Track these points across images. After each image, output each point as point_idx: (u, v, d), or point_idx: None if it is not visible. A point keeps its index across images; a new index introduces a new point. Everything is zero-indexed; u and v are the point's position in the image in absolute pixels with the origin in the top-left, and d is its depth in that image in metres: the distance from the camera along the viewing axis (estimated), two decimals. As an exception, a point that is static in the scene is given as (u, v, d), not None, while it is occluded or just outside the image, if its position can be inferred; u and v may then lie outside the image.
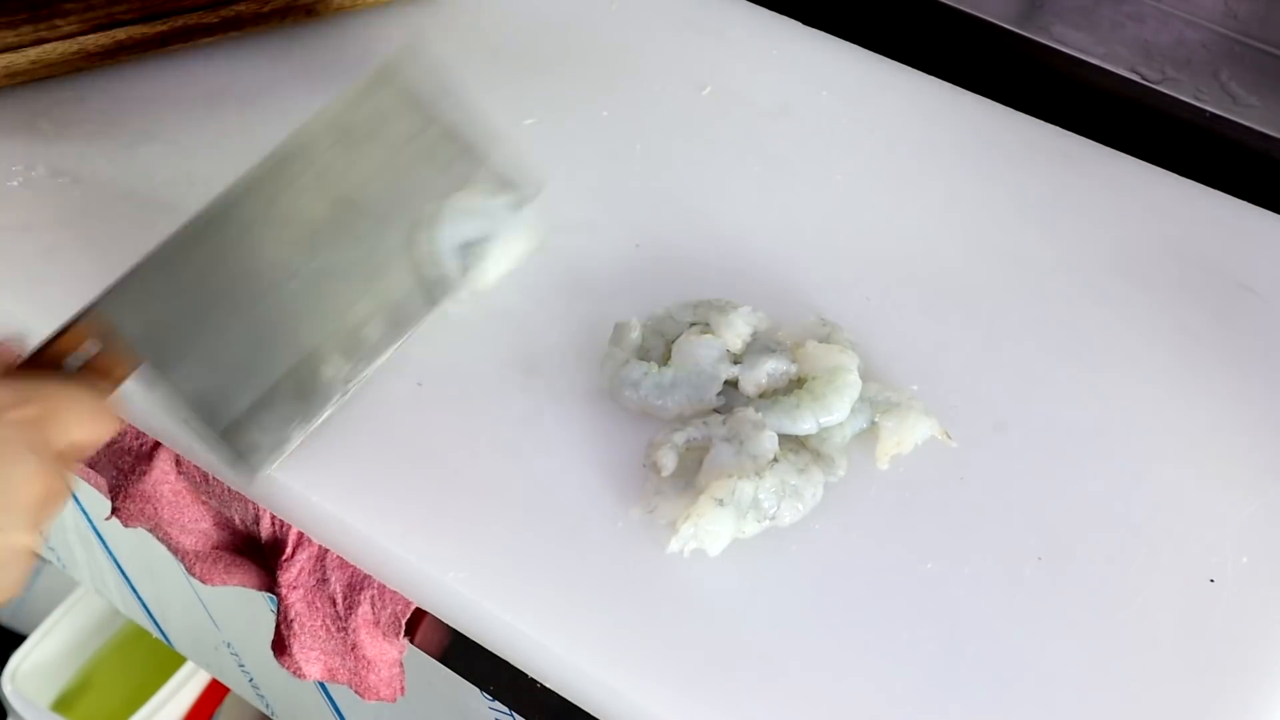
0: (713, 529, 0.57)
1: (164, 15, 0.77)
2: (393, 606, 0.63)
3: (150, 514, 0.70)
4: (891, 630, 0.56)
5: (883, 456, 0.61)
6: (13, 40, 0.75)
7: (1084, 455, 0.62)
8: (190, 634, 1.00)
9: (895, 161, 0.75)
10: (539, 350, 0.65)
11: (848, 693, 0.55)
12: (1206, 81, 0.79)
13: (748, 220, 0.71)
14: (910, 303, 0.68)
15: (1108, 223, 0.72)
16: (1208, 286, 0.70)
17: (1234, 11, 0.83)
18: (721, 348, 0.63)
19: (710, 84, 0.79)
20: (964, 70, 0.80)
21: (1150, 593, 0.58)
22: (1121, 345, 0.67)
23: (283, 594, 0.65)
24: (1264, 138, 0.76)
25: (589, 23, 0.82)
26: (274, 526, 0.66)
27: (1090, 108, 0.80)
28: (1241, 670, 0.56)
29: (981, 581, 0.58)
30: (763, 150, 0.75)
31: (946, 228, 0.72)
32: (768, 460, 0.59)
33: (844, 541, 0.59)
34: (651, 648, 0.56)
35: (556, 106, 0.77)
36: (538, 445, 0.62)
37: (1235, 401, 0.65)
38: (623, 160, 0.74)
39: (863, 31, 0.82)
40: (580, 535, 0.59)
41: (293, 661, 0.67)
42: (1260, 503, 0.61)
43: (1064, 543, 0.59)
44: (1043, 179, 0.74)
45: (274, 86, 0.77)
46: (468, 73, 0.66)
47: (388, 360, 0.63)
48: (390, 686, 0.66)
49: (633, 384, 0.63)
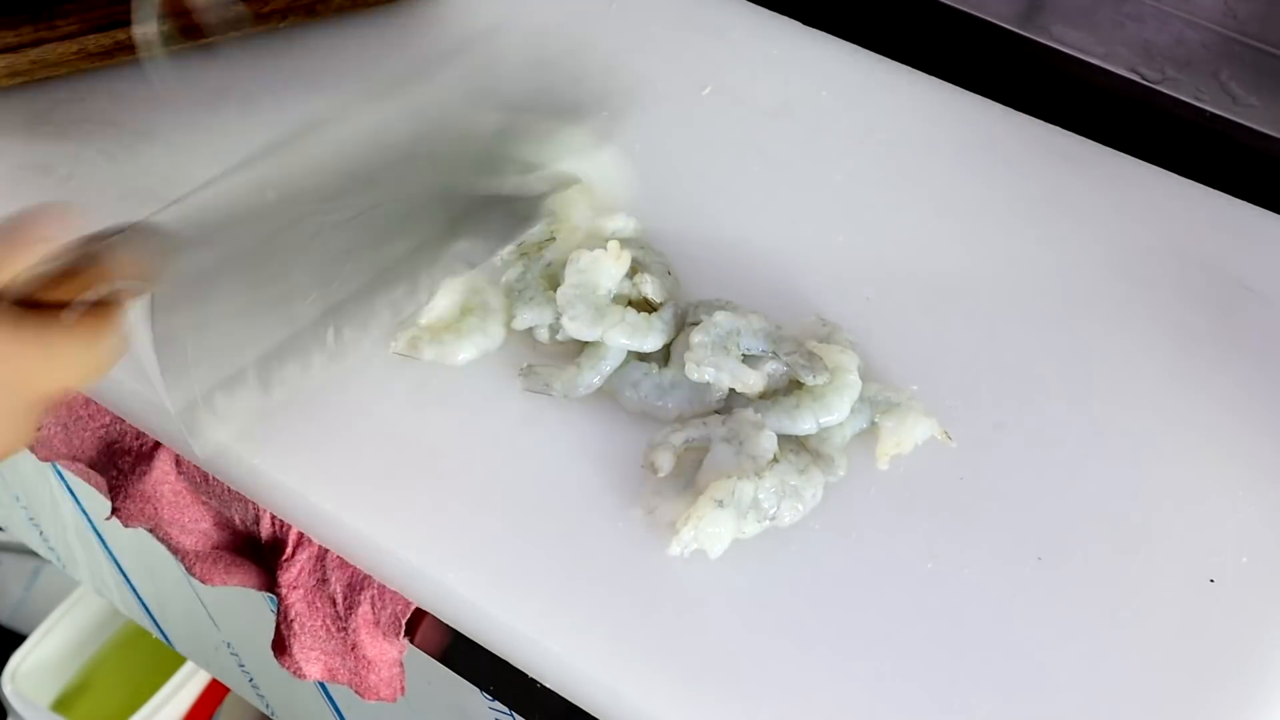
0: (713, 530, 0.57)
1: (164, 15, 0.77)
2: (393, 606, 0.63)
3: (150, 514, 0.70)
4: (892, 630, 0.56)
5: (883, 456, 0.61)
6: (13, 40, 0.75)
7: (1084, 455, 0.62)
8: (190, 634, 1.00)
9: (895, 161, 0.75)
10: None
11: (848, 693, 0.55)
12: (1206, 81, 0.79)
13: (748, 220, 0.71)
14: (910, 303, 0.68)
15: (1108, 223, 0.72)
16: (1208, 286, 0.70)
17: (1234, 11, 0.83)
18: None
19: (710, 84, 0.79)
20: (964, 70, 0.80)
21: (1150, 593, 0.58)
22: (1121, 345, 0.67)
23: (283, 594, 0.65)
24: (1264, 138, 0.76)
25: (589, 23, 0.82)
26: (274, 526, 0.66)
27: (1090, 108, 0.80)
28: (1241, 670, 0.56)
29: (981, 581, 0.58)
30: (763, 150, 0.75)
31: (946, 228, 0.72)
32: (767, 461, 0.59)
33: (844, 542, 0.59)
34: (651, 648, 0.56)
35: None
36: (538, 445, 0.62)
37: (1235, 401, 0.65)
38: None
39: (863, 31, 0.82)
40: (580, 535, 0.59)
41: (293, 661, 0.67)
42: (1260, 503, 0.61)
43: (1064, 543, 0.59)
44: (1043, 179, 0.74)
45: (274, 86, 0.77)
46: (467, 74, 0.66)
47: (386, 359, 0.63)
48: (390, 686, 0.66)
49: (633, 384, 0.63)
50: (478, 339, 0.64)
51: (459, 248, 0.63)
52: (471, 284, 0.65)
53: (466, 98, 0.61)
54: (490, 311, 0.65)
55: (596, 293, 0.63)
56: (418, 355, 0.64)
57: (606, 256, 0.63)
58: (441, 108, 0.61)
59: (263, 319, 0.58)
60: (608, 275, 0.63)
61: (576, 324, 0.62)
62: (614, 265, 0.63)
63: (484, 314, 0.65)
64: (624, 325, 0.62)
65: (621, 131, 0.73)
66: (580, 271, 0.63)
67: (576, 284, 0.63)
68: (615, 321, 0.62)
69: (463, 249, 0.63)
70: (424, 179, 0.61)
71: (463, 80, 0.62)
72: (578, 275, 0.63)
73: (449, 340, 0.64)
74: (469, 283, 0.65)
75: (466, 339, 0.64)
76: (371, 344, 0.65)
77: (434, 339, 0.64)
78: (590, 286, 0.63)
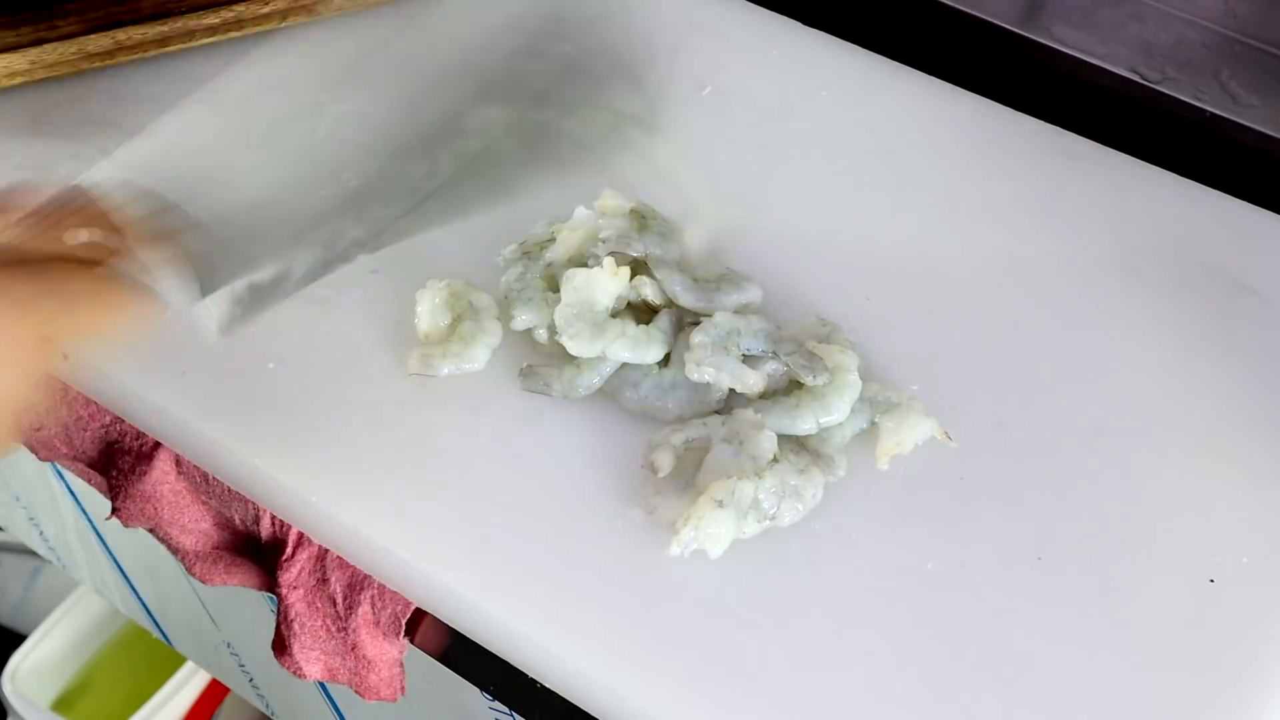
0: (713, 531, 0.57)
1: (164, 15, 0.77)
2: (393, 606, 0.63)
3: (150, 514, 0.70)
4: (892, 630, 0.56)
5: (883, 456, 0.61)
6: (12, 40, 0.75)
7: (1084, 455, 0.62)
8: (190, 634, 1.00)
9: (895, 161, 0.75)
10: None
11: (847, 693, 0.55)
12: (1206, 81, 0.79)
13: (747, 220, 0.71)
14: (910, 303, 0.68)
15: (1108, 223, 0.72)
16: (1208, 286, 0.70)
17: (1234, 11, 0.83)
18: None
19: (710, 84, 0.79)
20: (964, 70, 0.80)
21: (1150, 593, 0.58)
22: (1121, 345, 0.67)
23: (283, 594, 0.65)
24: (1264, 138, 0.76)
25: (589, 22, 0.82)
26: (274, 526, 0.66)
27: (1090, 108, 0.80)
28: (1241, 670, 0.56)
29: (981, 581, 0.58)
30: (763, 150, 0.75)
31: (946, 228, 0.72)
32: (767, 461, 0.59)
33: (844, 542, 0.59)
34: (651, 648, 0.56)
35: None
36: (538, 445, 0.62)
37: (1235, 401, 0.65)
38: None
39: (863, 31, 0.82)
40: (580, 535, 0.59)
41: (293, 661, 0.67)
42: (1260, 503, 0.61)
43: (1064, 542, 0.59)
44: (1043, 179, 0.74)
45: (274, 87, 0.77)
46: (467, 73, 0.66)
47: (385, 359, 0.63)
48: (390, 686, 0.66)
49: (633, 384, 0.63)
50: (482, 339, 0.64)
51: (488, 112, 0.61)
52: (450, 288, 0.65)
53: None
54: (480, 310, 0.65)
55: (595, 309, 0.62)
56: (434, 372, 0.63)
57: (603, 273, 0.63)
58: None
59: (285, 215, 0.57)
60: (605, 292, 0.63)
61: (576, 342, 0.62)
62: (611, 282, 0.63)
63: (475, 315, 0.65)
64: (624, 340, 0.62)
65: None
66: (576, 290, 0.63)
67: (573, 302, 0.62)
68: (615, 336, 0.62)
69: (492, 113, 0.62)
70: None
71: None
72: (574, 294, 0.63)
73: (457, 349, 0.64)
74: (447, 288, 0.65)
75: (474, 343, 0.64)
76: (372, 344, 0.65)
77: (444, 353, 0.63)
78: (588, 304, 0.62)
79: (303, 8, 0.80)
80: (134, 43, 0.77)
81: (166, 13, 0.77)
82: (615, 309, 0.64)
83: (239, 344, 0.61)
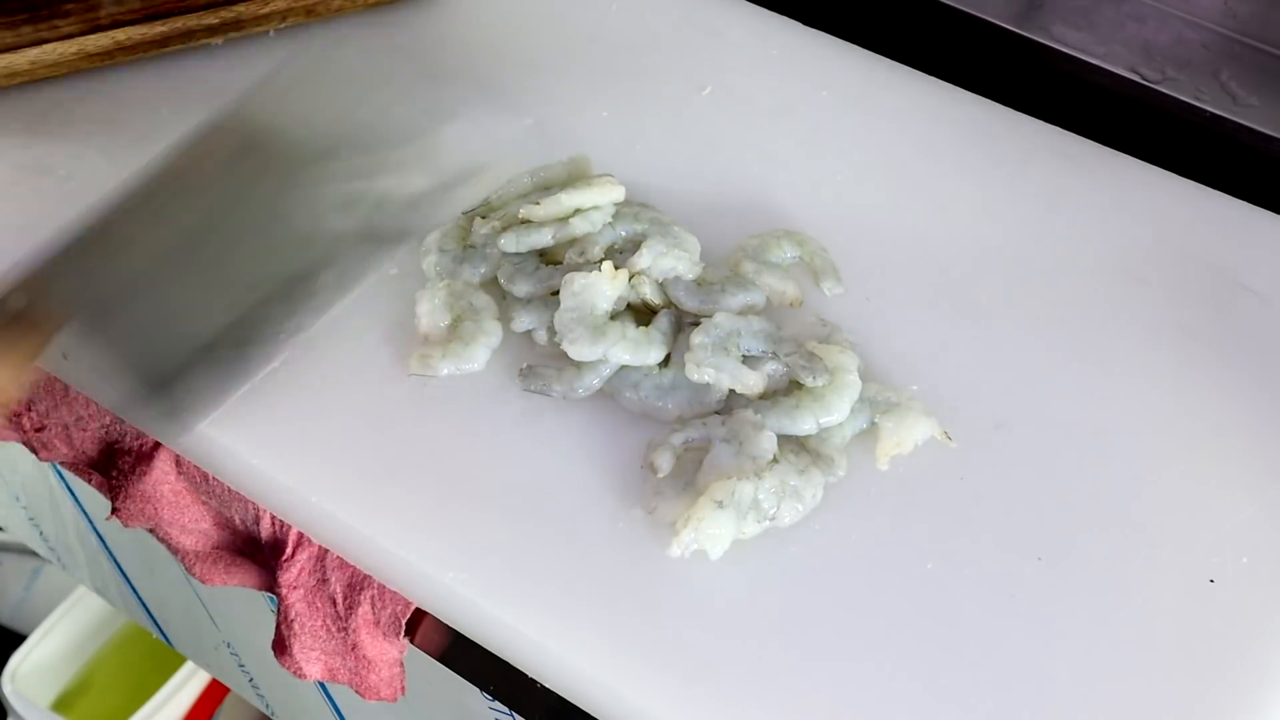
0: (713, 531, 0.57)
1: (164, 16, 0.77)
2: (393, 606, 0.64)
3: (150, 514, 0.70)
4: (891, 630, 0.56)
5: (883, 457, 0.61)
6: (12, 41, 0.75)
7: (1084, 455, 0.62)
8: (190, 634, 1.00)
9: (895, 161, 0.75)
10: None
11: (847, 693, 0.55)
12: (1206, 81, 0.79)
13: (747, 220, 0.71)
14: (910, 303, 0.68)
15: (1108, 223, 0.72)
16: (1208, 286, 0.70)
17: (1234, 11, 0.83)
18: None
19: (710, 84, 0.79)
20: (964, 70, 0.80)
21: (1150, 593, 0.58)
22: (1121, 345, 0.67)
23: (283, 594, 0.65)
24: (1264, 138, 0.76)
25: (588, 23, 0.82)
26: (274, 526, 0.66)
27: (1090, 108, 0.80)
28: (1241, 670, 0.56)
29: (982, 581, 0.58)
30: (763, 150, 0.75)
31: (946, 227, 0.72)
32: (767, 461, 0.59)
33: (844, 542, 0.59)
34: (651, 648, 0.56)
35: (556, 107, 0.77)
36: (537, 445, 0.62)
37: (1235, 401, 0.65)
38: (622, 161, 0.73)
39: (863, 31, 0.82)
40: (580, 536, 0.59)
41: (293, 661, 0.67)
42: (1260, 503, 0.61)
43: (1064, 543, 0.59)
44: (1043, 179, 0.74)
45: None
46: (467, 73, 0.66)
47: (385, 359, 0.63)
48: (390, 686, 0.66)
49: (633, 385, 0.63)
50: (482, 339, 0.64)
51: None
52: (450, 288, 0.65)
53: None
54: (480, 311, 0.65)
55: (594, 313, 0.62)
56: (434, 373, 0.63)
57: (602, 278, 0.63)
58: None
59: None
60: (604, 296, 0.63)
61: (576, 347, 0.62)
62: (610, 286, 0.63)
63: (475, 315, 0.65)
64: (625, 343, 0.62)
65: (621, 132, 0.74)
66: (575, 295, 0.63)
67: (573, 307, 0.62)
68: (615, 340, 0.62)
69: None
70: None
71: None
72: (573, 299, 0.63)
73: (457, 349, 0.64)
74: (447, 288, 0.65)
75: (474, 343, 0.64)
76: (372, 344, 0.65)
77: (444, 353, 0.63)
78: (586, 309, 0.62)
79: (302, 8, 0.80)
80: (134, 43, 0.77)
81: (166, 13, 0.77)
82: (615, 310, 0.64)
83: (239, 344, 0.61)
